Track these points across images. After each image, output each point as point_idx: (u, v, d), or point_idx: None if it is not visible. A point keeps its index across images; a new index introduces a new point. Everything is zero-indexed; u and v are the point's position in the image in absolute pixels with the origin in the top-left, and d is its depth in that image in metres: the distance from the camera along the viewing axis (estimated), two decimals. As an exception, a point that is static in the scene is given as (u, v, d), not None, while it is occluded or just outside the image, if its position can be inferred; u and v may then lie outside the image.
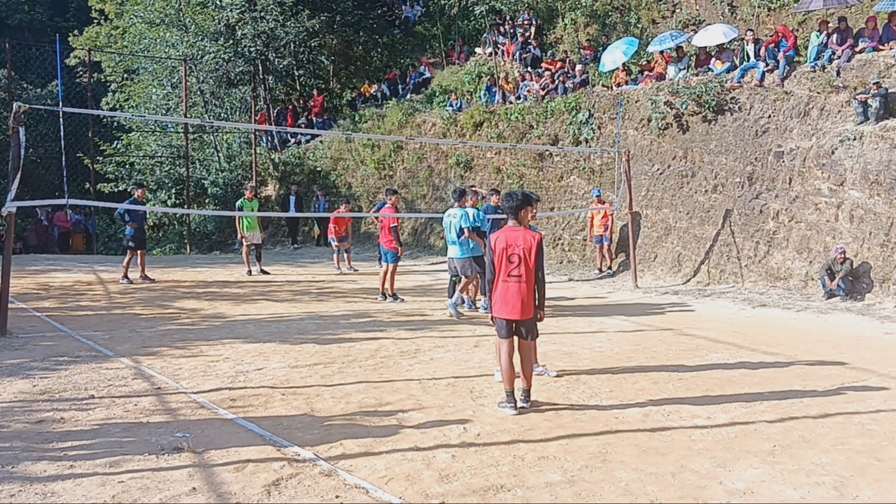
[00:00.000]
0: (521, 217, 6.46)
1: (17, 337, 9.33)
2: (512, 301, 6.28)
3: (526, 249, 6.24)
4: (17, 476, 4.84)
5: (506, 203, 6.51)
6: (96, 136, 25.72)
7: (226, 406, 6.50)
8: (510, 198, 6.50)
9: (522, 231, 6.37)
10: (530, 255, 6.23)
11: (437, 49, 27.40)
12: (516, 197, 6.48)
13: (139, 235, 14.86)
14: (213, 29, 26.07)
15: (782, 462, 5.31)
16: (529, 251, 6.23)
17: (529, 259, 6.23)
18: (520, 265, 6.23)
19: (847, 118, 14.03)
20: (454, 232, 11.63)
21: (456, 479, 4.93)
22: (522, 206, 6.44)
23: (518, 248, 6.26)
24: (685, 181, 16.13)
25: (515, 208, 6.43)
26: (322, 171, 24.67)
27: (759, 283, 13.97)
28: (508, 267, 6.25)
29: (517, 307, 6.28)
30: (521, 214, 6.44)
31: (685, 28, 19.70)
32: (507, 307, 6.31)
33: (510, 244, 6.29)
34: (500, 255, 6.31)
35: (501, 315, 6.37)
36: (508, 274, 6.26)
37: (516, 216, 6.44)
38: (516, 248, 6.26)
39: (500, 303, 6.34)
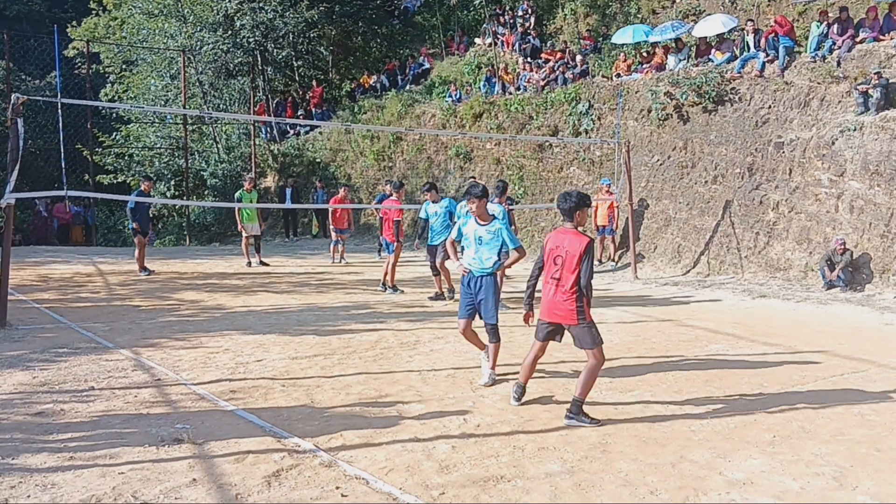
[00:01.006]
0: (578, 219, 6.06)
1: (16, 328, 9.32)
2: (548, 303, 6.06)
3: (570, 253, 5.89)
4: (17, 467, 4.84)
5: (561, 204, 6.07)
6: (95, 128, 25.65)
7: (226, 397, 6.50)
8: (565, 198, 6.07)
9: (572, 234, 5.99)
10: (574, 259, 5.86)
11: (437, 40, 27.34)
12: (571, 198, 6.05)
13: (144, 226, 14.86)
14: (212, 19, 26.00)
15: (782, 453, 5.31)
16: (573, 255, 5.86)
17: (572, 263, 5.87)
18: (561, 268, 5.93)
19: (847, 109, 14.00)
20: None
21: (456, 470, 4.93)
22: (578, 207, 6.02)
23: (563, 250, 5.94)
24: (685, 172, 16.11)
25: (570, 210, 6.03)
26: (321, 162, 24.64)
27: (759, 273, 13.97)
28: (551, 269, 6.01)
29: (551, 310, 6.04)
30: (576, 216, 6.03)
31: (685, 18, 19.64)
32: (544, 309, 6.12)
33: (557, 245, 6.00)
34: (547, 255, 6.08)
35: (544, 317, 6.16)
36: (550, 276, 6.02)
37: (571, 218, 6.04)
38: (561, 251, 5.95)
39: (544, 304, 6.13)
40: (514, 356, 8.27)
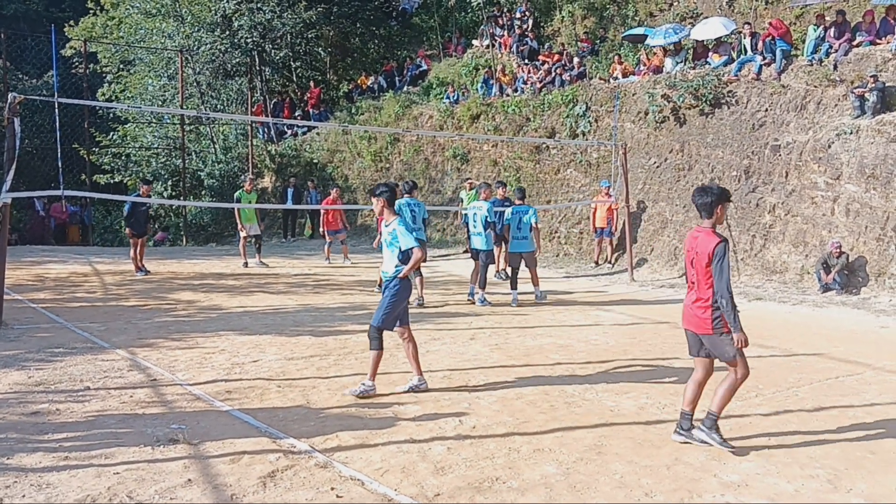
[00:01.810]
0: (717, 215, 5.46)
1: (12, 328, 9.31)
2: (688, 309, 5.55)
3: (701, 254, 5.36)
4: (13, 467, 4.83)
5: (699, 199, 5.48)
6: (92, 127, 25.62)
7: (221, 398, 6.50)
8: (704, 192, 5.47)
9: (704, 233, 5.43)
10: (704, 260, 5.33)
11: (435, 41, 27.36)
12: (711, 192, 5.45)
13: (138, 228, 14.78)
14: (210, 20, 25.99)
15: (777, 455, 5.33)
16: (703, 256, 5.33)
17: (702, 265, 5.35)
18: (696, 272, 5.44)
19: (844, 112, 14.03)
20: (480, 224, 12.11)
21: (451, 472, 4.94)
22: (719, 201, 5.43)
23: (693, 251, 5.45)
24: (682, 174, 16.13)
25: (710, 205, 5.42)
26: (319, 163, 24.63)
27: (755, 276, 13.99)
28: (689, 272, 5.52)
29: (686, 317, 5.58)
30: (716, 212, 5.44)
31: (683, 21, 19.68)
32: (686, 317, 5.60)
33: (691, 247, 5.49)
34: (686, 258, 5.60)
35: (684, 324, 5.66)
36: (688, 280, 5.56)
37: (711, 214, 5.45)
38: (692, 253, 5.46)
39: (684, 312, 5.65)
40: (510, 357, 8.29)
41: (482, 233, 12.14)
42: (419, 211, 11.76)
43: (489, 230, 12.22)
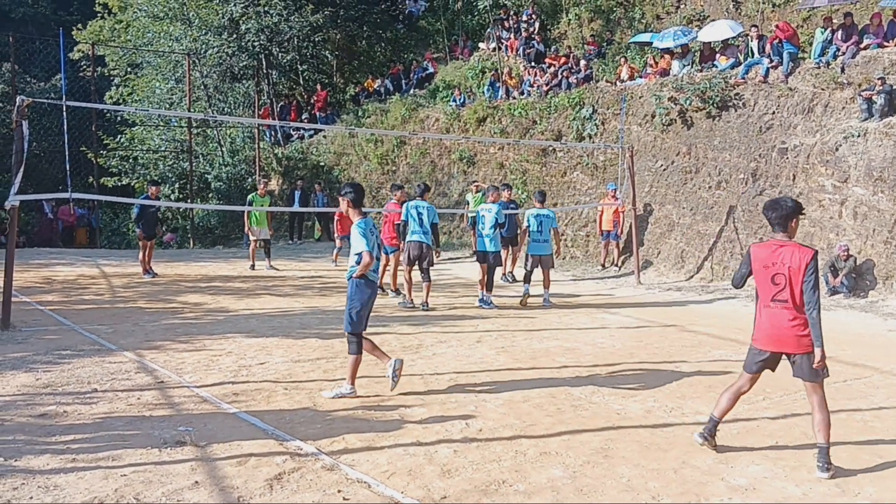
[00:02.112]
0: (792, 228, 5.22)
1: (20, 330, 9.34)
2: (771, 330, 5.21)
3: (794, 269, 5.07)
4: (20, 469, 4.85)
5: (773, 212, 5.23)
6: (100, 130, 25.69)
7: (228, 400, 6.51)
8: (778, 206, 5.23)
9: (793, 247, 5.15)
10: (800, 274, 5.06)
11: (441, 44, 27.38)
12: (786, 205, 5.22)
13: (148, 230, 14.83)
14: (217, 23, 26.05)
15: (784, 458, 5.31)
16: (798, 271, 5.06)
17: (798, 280, 5.07)
18: (785, 288, 5.10)
19: (851, 115, 14.00)
20: (489, 226, 12.15)
21: (458, 474, 4.94)
22: (794, 214, 5.21)
23: (783, 266, 5.11)
24: (689, 177, 16.11)
25: (785, 217, 5.19)
26: (325, 165, 24.66)
27: (763, 279, 13.94)
28: (773, 289, 5.16)
29: (777, 338, 5.19)
30: (790, 225, 5.21)
31: (690, 23, 19.66)
32: (773, 337, 5.21)
33: (773, 262, 5.15)
34: (758, 273, 5.26)
35: (762, 345, 5.29)
36: (773, 298, 5.17)
37: (785, 227, 5.21)
38: (780, 268, 5.12)
39: (762, 330, 5.29)
40: (516, 360, 8.28)
41: (491, 234, 12.14)
42: (428, 214, 11.77)
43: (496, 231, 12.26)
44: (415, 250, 11.72)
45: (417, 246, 11.72)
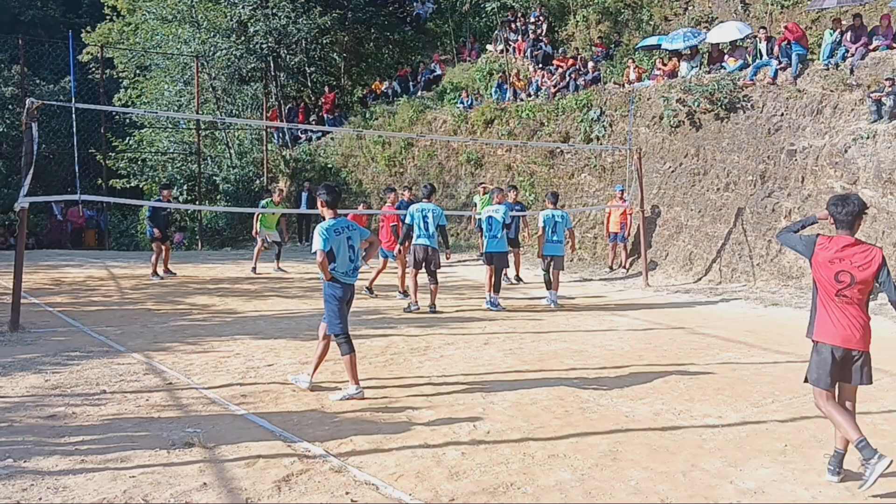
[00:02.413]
0: (857, 226, 5.13)
1: (29, 332, 9.38)
2: (841, 327, 5.05)
3: (863, 268, 5.00)
4: (29, 470, 4.86)
5: (840, 209, 5.07)
6: (108, 133, 25.80)
7: (237, 402, 6.52)
8: (846, 203, 5.06)
9: (863, 245, 5.07)
10: (866, 274, 5.00)
11: (449, 46, 27.37)
12: (854, 202, 5.06)
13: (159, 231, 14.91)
14: (226, 25, 26.12)
15: (793, 461, 5.29)
16: (868, 270, 5.01)
17: (867, 279, 5.02)
18: (851, 286, 5.01)
19: (860, 116, 13.94)
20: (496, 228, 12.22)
21: (466, 477, 4.93)
22: (861, 213, 5.09)
23: (851, 265, 5.02)
24: (697, 179, 16.07)
25: (854, 216, 5.05)
26: (333, 167, 24.69)
27: (771, 281, 13.91)
28: (834, 286, 5.05)
29: (848, 335, 5.03)
30: (857, 224, 5.10)
31: (698, 25, 19.62)
32: (833, 334, 5.07)
33: (841, 258, 5.05)
34: (825, 269, 5.12)
35: (832, 341, 5.07)
36: (835, 293, 5.05)
37: (852, 226, 5.09)
38: (848, 265, 5.03)
39: (829, 326, 5.11)
40: (524, 362, 8.28)
41: (498, 236, 12.15)
42: (434, 216, 11.76)
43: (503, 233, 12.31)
44: (420, 253, 11.72)
45: (423, 249, 11.71)
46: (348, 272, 6.81)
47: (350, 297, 6.93)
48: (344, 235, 6.74)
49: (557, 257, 12.73)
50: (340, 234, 6.72)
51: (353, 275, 6.88)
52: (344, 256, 6.73)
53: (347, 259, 6.75)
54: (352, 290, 6.93)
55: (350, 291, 6.90)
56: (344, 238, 6.73)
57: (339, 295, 6.78)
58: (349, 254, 6.76)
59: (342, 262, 6.73)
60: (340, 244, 6.69)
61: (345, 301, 6.84)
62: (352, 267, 6.83)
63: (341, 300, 6.79)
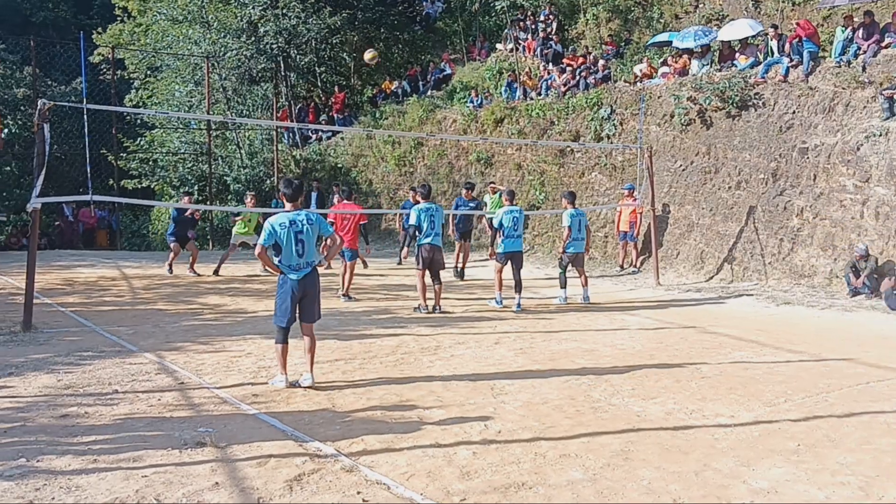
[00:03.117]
0: None
1: (41, 332, 9.42)
2: None
3: None
4: (42, 470, 4.88)
5: None
6: (120, 133, 25.88)
7: (248, 401, 6.53)
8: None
9: None
10: None
11: (458, 45, 27.36)
12: None
13: (180, 233, 15.52)
14: (236, 26, 26.19)
15: (807, 461, 5.26)
16: None
17: None
18: None
19: (873, 114, 13.86)
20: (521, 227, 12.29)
21: (477, 476, 4.92)
22: None
23: None
24: (708, 177, 16.01)
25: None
26: (343, 167, 24.73)
27: (783, 280, 13.85)
28: None
29: None
30: None
31: (709, 23, 19.55)
32: None
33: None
34: None
35: None
36: None
37: None
38: None
39: None
40: (535, 362, 8.26)
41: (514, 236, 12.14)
42: (437, 216, 11.74)
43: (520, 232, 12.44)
44: (427, 252, 11.66)
45: (430, 248, 11.65)
46: (294, 266, 6.86)
47: (302, 293, 6.94)
48: (293, 230, 6.80)
49: (581, 254, 12.97)
50: (288, 228, 6.80)
51: (302, 270, 6.89)
52: (289, 250, 6.81)
53: (294, 253, 6.82)
54: (303, 286, 6.92)
55: (298, 287, 6.90)
56: (292, 232, 6.80)
57: (286, 288, 6.89)
58: (296, 248, 6.82)
59: (287, 255, 6.83)
60: (289, 238, 6.79)
61: (292, 296, 6.89)
62: (300, 262, 6.87)
63: (286, 294, 6.89)
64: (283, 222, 6.81)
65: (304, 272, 6.90)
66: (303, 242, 6.83)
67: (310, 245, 6.90)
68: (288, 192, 7.01)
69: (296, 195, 7.01)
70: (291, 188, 7.01)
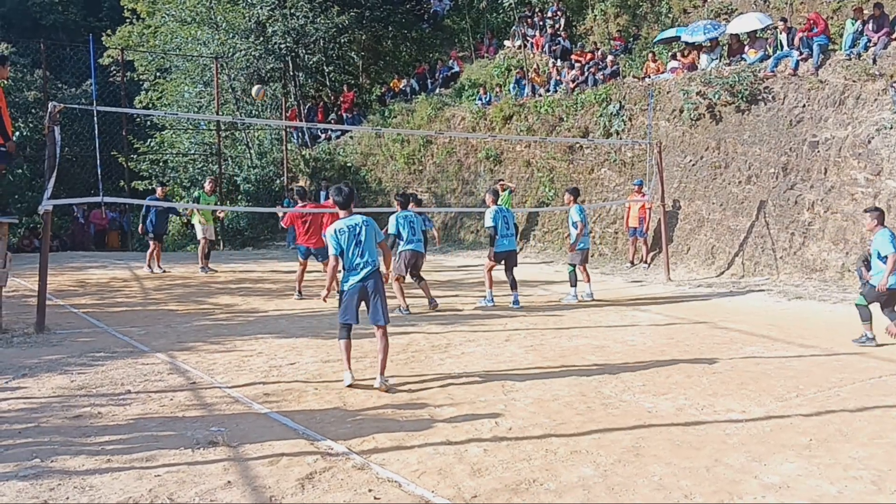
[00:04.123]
0: None
1: (55, 333, 9.48)
2: None
3: None
4: (56, 470, 4.92)
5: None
6: (130, 135, 26.01)
7: (260, 400, 6.56)
8: None
9: None
10: None
11: (466, 42, 27.36)
12: None
13: (158, 229, 15.73)
14: (244, 26, 26.28)
15: (819, 456, 5.24)
16: None
17: None
18: None
19: (884, 107, 13.77)
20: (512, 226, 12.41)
21: (488, 473, 4.93)
22: None
23: None
24: (718, 172, 15.96)
25: None
26: (352, 166, 24.78)
27: (795, 274, 13.79)
28: None
29: None
30: None
31: (717, 17, 19.47)
32: None
33: None
34: None
35: None
36: None
37: None
38: None
39: None
40: (546, 359, 8.27)
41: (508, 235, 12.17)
42: (417, 222, 11.89)
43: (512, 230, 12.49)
44: (410, 258, 11.71)
45: (413, 254, 11.75)
46: (357, 267, 6.99)
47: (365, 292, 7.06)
48: (351, 234, 6.95)
49: (587, 250, 12.92)
50: (347, 233, 6.94)
51: (363, 269, 7.00)
52: (351, 253, 6.97)
53: (356, 255, 6.96)
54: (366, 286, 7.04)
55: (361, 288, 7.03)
56: (352, 236, 6.95)
57: (349, 291, 7.06)
58: (357, 250, 6.97)
59: (349, 258, 6.98)
60: (349, 242, 6.95)
61: (354, 296, 7.04)
62: (361, 262, 6.98)
63: (348, 295, 7.06)
64: (340, 228, 6.97)
65: (368, 271, 7.01)
66: (362, 244, 6.97)
67: (369, 246, 7.03)
68: (339, 200, 7.13)
69: (347, 202, 7.14)
70: (342, 196, 7.13)
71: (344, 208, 7.11)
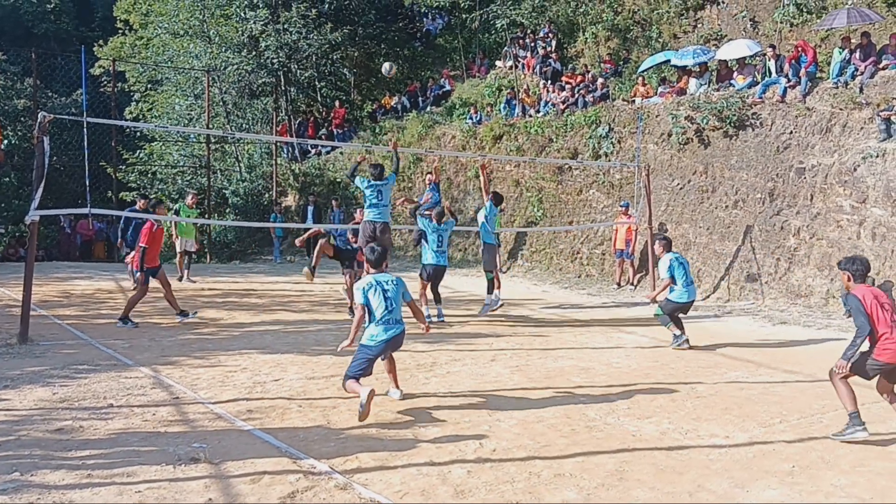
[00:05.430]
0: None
1: (38, 344, 9.42)
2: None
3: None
4: (36, 484, 4.88)
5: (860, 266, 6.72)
6: (119, 146, 25.97)
7: (243, 417, 6.53)
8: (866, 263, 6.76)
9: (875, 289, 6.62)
10: None
11: (458, 62, 27.51)
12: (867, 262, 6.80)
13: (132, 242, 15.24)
14: (237, 40, 26.34)
15: (801, 483, 5.26)
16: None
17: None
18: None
19: (870, 135, 13.92)
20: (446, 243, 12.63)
21: (471, 495, 4.92)
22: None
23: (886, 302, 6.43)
24: (705, 196, 16.06)
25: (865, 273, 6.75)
26: (342, 182, 24.77)
27: (780, 300, 13.86)
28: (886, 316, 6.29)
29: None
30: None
31: (707, 43, 19.66)
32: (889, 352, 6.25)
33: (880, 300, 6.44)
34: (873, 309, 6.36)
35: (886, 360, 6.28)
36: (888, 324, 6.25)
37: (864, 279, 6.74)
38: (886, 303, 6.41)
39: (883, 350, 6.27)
40: (531, 380, 8.26)
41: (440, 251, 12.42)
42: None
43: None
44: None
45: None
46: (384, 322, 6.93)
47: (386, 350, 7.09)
48: (379, 289, 6.96)
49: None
50: (375, 288, 6.96)
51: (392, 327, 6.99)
52: (378, 309, 6.92)
53: (385, 310, 6.91)
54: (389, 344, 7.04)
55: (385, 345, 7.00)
56: (379, 291, 6.96)
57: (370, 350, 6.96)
58: (386, 305, 6.92)
59: (376, 313, 6.93)
60: (377, 297, 6.93)
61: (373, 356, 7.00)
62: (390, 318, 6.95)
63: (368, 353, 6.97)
64: (370, 283, 6.98)
65: (395, 330, 6.98)
66: (390, 300, 6.96)
67: (396, 303, 7.04)
68: (371, 259, 7.25)
69: (379, 261, 7.26)
70: (374, 255, 7.25)
71: (375, 267, 7.23)
